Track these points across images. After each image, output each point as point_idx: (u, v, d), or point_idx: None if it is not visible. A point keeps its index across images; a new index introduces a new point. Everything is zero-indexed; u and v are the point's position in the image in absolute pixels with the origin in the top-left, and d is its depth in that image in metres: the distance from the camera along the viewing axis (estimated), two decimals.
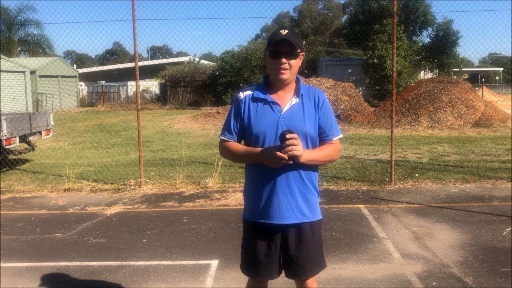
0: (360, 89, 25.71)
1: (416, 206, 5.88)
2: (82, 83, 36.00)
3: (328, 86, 18.61)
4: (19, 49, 34.66)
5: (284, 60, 2.24)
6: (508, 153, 9.64)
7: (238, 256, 4.29)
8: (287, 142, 2.11)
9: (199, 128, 16.78)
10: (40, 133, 9.31)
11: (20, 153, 9.01)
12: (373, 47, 23.48)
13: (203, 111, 21.92)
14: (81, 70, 38.17)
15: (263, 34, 51.61)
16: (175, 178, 7.40)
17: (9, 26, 32.90)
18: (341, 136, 2.42)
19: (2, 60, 22.82)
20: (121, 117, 22.57)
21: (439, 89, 16.19)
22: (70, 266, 4.16)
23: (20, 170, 8.94)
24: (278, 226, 2.32)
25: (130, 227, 5.26)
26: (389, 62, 21.99)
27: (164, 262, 4.21)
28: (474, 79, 42.66)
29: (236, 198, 6.38)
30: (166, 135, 14.64)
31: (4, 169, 8.52)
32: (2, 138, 7.87)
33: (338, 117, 16.65)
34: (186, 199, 6.45)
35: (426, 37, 28.81)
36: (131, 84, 33.41)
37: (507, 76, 50.29)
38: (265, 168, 2.25)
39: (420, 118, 15.20)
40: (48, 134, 9.64)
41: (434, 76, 24.73)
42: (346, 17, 46.68)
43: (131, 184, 7.25)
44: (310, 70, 29.08)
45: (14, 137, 8.24)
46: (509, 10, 14.63)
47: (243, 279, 3.80)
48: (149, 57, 63.23)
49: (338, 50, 39.36)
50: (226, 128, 2.40)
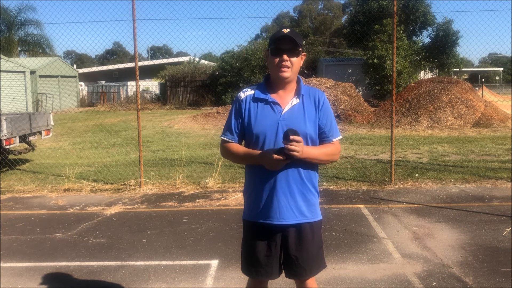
0: (360, 89, 25.70)
1: (416, 206, 5.88)
2: (82, 83, 35.99)
3: (328, 86, 18.61)
4: (19, 49, 34.68)
5: (285, 57, 2.24)
6: (508, 153, 9.64)
7: (238, 256, 4.29)
8: (290, 143, 2.11)
9: (199, 128, 16.78)
10: (40, 133, 9.31)
11: (20, 153, 9.01)
12: (373, 47, 23.47)
13: (203, 111, 21.92)
14: (81, 70, 38.16)
15: (263, 34, 51.64)
16: (175, 178, 7.40)
17: (9, 26, 32.91)
18: (340, 137, 2.43)
19: (2, 60, 22.82)
20: (121, 117, 22.57)
21: (439, 89, 16.19)
22: (70, 266, 4.16)
23: (20, 170, 8.94)
24: (278, 226, 2.32)
25: (130, 227, 5.26)
26: (389, 62, 21.98)
27: (164, 262, 4.21)
28: (474, 79, 42.67)
29: (236, 198, 6.38)
30: (166, 135, 14.64)
31: (4, 169, 8.52)
32: (2, 138, 7.87)
33: (338, 117, 16.66)
34: (186, 199, 6.45)
35: (426, 37, 28.78)
36: (131, 84, 33.40)
37: (507, 76, 50.30)
38: (265, 168, 2.26)
39: (420, 118, 15.20)
40: (48, 134, 9.64)
41: (434, 76, 24.74)
42: (346, 17, 46.67)
43: (131, 184, 7.25)
44: (310, 70, 29.08)
45: (14, 137, 8.24)
46: (509, 10, 14.64)
47: (243, 279, 3.80)
48: (149, 57, 63.27)
49: (338, 50, 39.35)
50: (227, 128, 2.40)
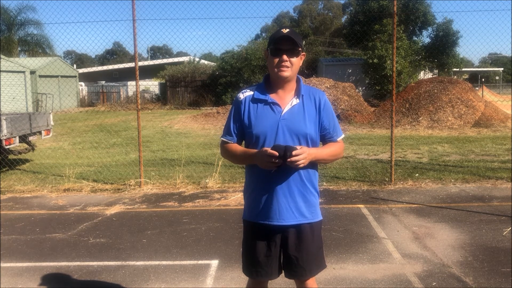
0: (360, 89, 25.70)
1: (416, 206, 5.88)
2: (82, 83, 35.99)
3: (328, 86, 18.61)
4: (19, 49, 34.66)
5: (285, 57, 2.24)
6: (508, 153, 9.64)
7: (238, 256, 4.30)
8: (293, 159, 2.12)
9: (199, 128, 16.78)
10: (40, 133, 9.31)
11: (20, 153, 9.00)
12: (373, 47, 23.47)
13: (203, 111, 21.92)
14: (81, 70, 38.15)
15: (263, 34, 51.64)
16: (175, 178, 7.40)
17: (9, 26, 32.90)
18: (343, 135, 2.46)
19: (2, 60, 22.82)
20: (121, 117, 22.57)
21: (439, 89, 16.19)
22: (70, 266, 4.16)
23: (20, 170, 8.94)
24: (278, 227, 2.32)
25: (130, 227, 5.26)
26: (389, 62, 21.98)
27: (164, 262, 4.21)
28: (474, 79, 42.66)
29: (236, 198, 6.38)
30: (166, 135, 14.64)
31: (4, 169, 8.52)
32: (2, 138, 7.87)
33: (338, 117, 16.63)
34: (186, 199, 6.45)
35: (426, 37, 28.80)
36: (131, 84, 33.39)
37: (507, 76, 50.29)
38: (264, 169, 2.26)
39: (420, 118, 15.20)
40: (48, 134, 9.64)
41: (434, 76, 24.73)
42: (346, 17, 46.70)
43: (131, 184, 7.25)
44: (310, 70, 29.08)
45: (14, 137, 8.24)
46: (509, 10, 14.63)
47: (243, 279, 3.80)
48: (149, 57, 63.24)
49: (338, 50, 39.36)
50: (226, 129, 2.41)
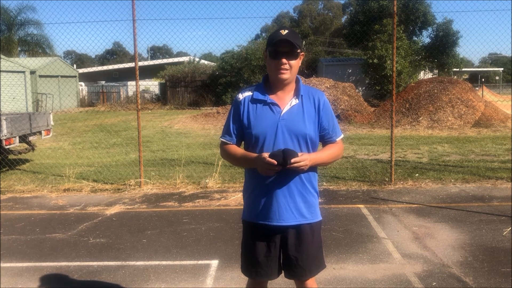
0: (360, 89, 25.70)
1: (416, 206, 5.88)
2: (82, 83, 35.99)
3: (328, 86, 18.62)
4: (19, 49, 34.67)
5: (284, 60, 2.23)
6: (508, 153, 9.64)
7: (238, 256, 4.29)
8: (294, 166, 2.13)
9: (199, 128, 16.78)
10: (40, 133, 9.31)
11: (20, 153, 9.00)
12: (373, 47, 23.47)
13: (203, 111, 21.93)
14: (81, 70, 38.14)
15: (263, 34, 51.61)
16: (175, 178, 7.40)
17: (9, 26, 32.90)
18: (343, 136, 2.45)
19: (2, 60, 22.82)
20: (121, 117, 22.57)
21: (439, 89, 16.19)
22: (70, 266, 4.16)
23: (20, 170, 8.94)
24: (277, 227, 2.32)
25: (130, 227, 5.26)
26: (389, 62, 21.98)
27: (164, 262, 4.21)
28: (474, 79, 42.66)
29: (236, 198, 6.38)
30: (166, 135, 14.64)
31: (4, 169, 8.52)
32: (2, 138, 7.87)
33: (338, 117, 16.66)
34: (186, 199, 6.45)
35: (426, 37, 28.78)
36: (131, 84, 33.39)
37: (507, 76, 50.29)
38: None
39: (420, 118, 15.20)
40: (48, 134, 9.64)
41: (434, 76, 24.73)
42: (346, 17, 46.72)
43: (131, 184, 7.25)
44: (310, 70, 29.08)
45: (14, 137, 8.24)
46: (509, 10, 14.64)
47: (243, 279, 3.80)
48: (149, 57, 63.23)
49: (338, 50, 39.36)
50: (226, 130, 2.41)
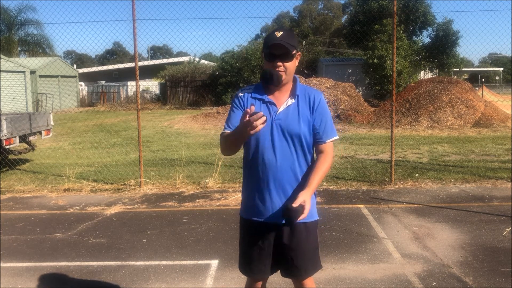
0: (360, 89, 25.71)
1: (416, 206, 5.88)
2: (82, 83, 35.99)
3: (328, 86, 18.62)
4: (19, 49, 34.67)
5: (279, 63, 2.23)
6: (508, 153, 9.64)
7: (238, 256, 4.30)
8: (301, 218, 2.13)
9: (199, 128, 16.78)
10: (40, 133, 9.31)
11: (20, 153, 9.00)
12: (373, 47, 23.47)
13: (203, 111, 21.92)
14: (81, 70, 38.15)
15: (263, 34, 51.63)
16: (175, 178, 7.40)
17: (9, 26, 32.90)
18: (336, 137, 2.37)
19: (2, 60, 22.82)
20: (121, 117, 22.57)
21: (439, 89, 16.19)
22: (70, 266, 4.16)
23: (20, 170, 8.94)
24: (271, 225, 2.34)
25: (130, 227, 5.26)
26: (389, 62, 21.98)
27: (164, 262, 4.21)
28: (474, 79, 42.66)
29: (236, 198, 6.38)
30: (166, 135, 14.64)
31: (4, 169, 8.52)
32: (2, 138, 7.87)
33: (338, 117, 16.66)
34: (186, 199, 6.45)
35: (426, 37, 28.82)
36: (131, 84, 33.39)
37: (507, 76, 50.30)
38: (260, 166, 2.28)
39: (420, 118, 15.20)
40: (48, 134, 9.64)
41: (434, 76, 24.74)
42: (346, 17, 46.72)
43: (131, 184, 7.25)
44: (310, 70, 29.09)
45: (14, 137, 8.24)
46: (509, 10, 14.64)
47: (243, 279, 3.79)
48: (149, 57, 63.22)
49: (338, 50, 39.38)
50: (227, 123, 2.36)
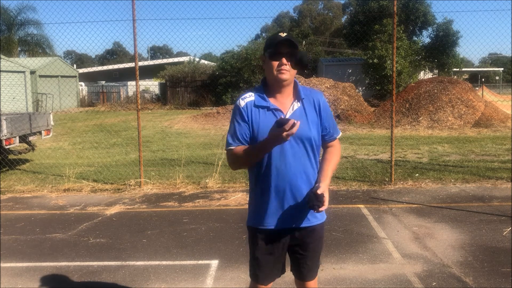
0: (360, 89, 25.71)
1: (416, 206, 5.88)
2: (82, 83, 35.98)
3: (328, 86, 18.61)
4: (19, 49, 34.65)
5: (284, 60, 2.23)
6: (508, 153, 9.64)
7: (238, 256, 4.31)
8: (322, 208, 2.16)
9: (199, 128, 16.78)
10: (40, 133, 9.31)
11: (20, 153, 9.01)
12: (373, 47, 23.48)
13: (203, 111, 21.92)
14: (81, 70, 38.13)
15: (263, 34, 51.64)
16: (175, 178, 7.40)
17: (9, 26, 32.89)
18: (340, 133, 2.50)
19: (2, 60, 22.81)
20: (121, 117, 22.57)
21: (439, 89, 16.19)
22: (70, 266, 4.16)
23: (20, 170, 8.94)
24: (287, 230, 2.34)
25: (130, 227, 5.26)
26: (389, 62, 21.99)
27: (164, 262, 4.21)
28: (474, 79, 42.68)
29: (236, 198, 6.38)
30: (166, 135, 14.64)
31: (4, 169, 8.52)
32: (2, 138, 7.87)
33: (338, 117, 16.66)
34: (186, 199, 6.45)
35: (426, 37, 28.87)
36: (131, 84, 33.39)
37: (507, 76, 50.31)
38: (274, 175, 2.25)
39: (420, 118, 15.20)
40: (48, 134, 9.64)
41: (434, 76, 24.74)
42: (346, 17, 46.76)
43: (131, 184, 7.25)
44: (310, 70, 29.09)
45: (14, 137, 8.24)
46: (509, 10, 14.66)
47: (243, 279, 3.80)
48: (149, 57, 63.23)
49: (338, 50, 39.39)
50: (232, 137, 2.27)
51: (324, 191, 2.17)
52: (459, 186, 6.87)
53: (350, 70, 27.93)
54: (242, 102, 2.28)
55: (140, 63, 11.97)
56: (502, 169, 7.91)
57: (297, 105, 2.31)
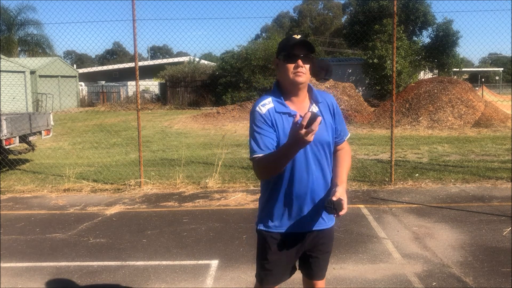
0: (360, 89, 25.71)
1: (416, 206, 5.88)
2: (82, 83, 35.98)
3: (328, 86, 18.62)
4: (19, 49, 34.65)
5: (300, 62, 2.16)
6: (508, 153, 9.64)
7: (238, 256, 4.31)
8: (343, 213, 2.13)
9: (199, 128, 16.78)
10: (40, 133, 9.31)
11: (20, 153, 9.00)
12: (373, 47, 23.49)
13: (203, 111, 21.92)
14: (81, 70, 38.14)
15: (263, 34, 51.67)
16: (175, 178, 7.40)
17: (9, 26, 32.88)
18: (349, 134, 2.49)
19: (2, 60, 22.81)
20: (121, 117, 22.57)
21: (439, 89, 16.19)
22: (70, 266, 4.16)
23: (20, 170, 8.94)
24: (302, 233, 2.34)
25: (130, 227, 5.26)
26: (389, 62, 21.99)
27: (164, 262, 4.21)
28: (474, 79, 42.70)
29: (236, 198, 6.38)
30: (166, 135, 14.64)
31: (4, 169, 8.52)
32: (2, 138, 7.87)
33: None
34: (186, 199, 6.45)
35: (426, 37, 28.89)
36: (131, 84, 33.39)
37: (507, 76, 50.33)
38: (297, 181, 2.22)
39: (420, 118, 15.20)
40: (48, 134, 9.64)
41: (434, 76, 24.75)
42: (346, 17, 46.77)
43: (131, 184, 7.25)
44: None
45: (14, 137, 8.24)
46: (509, 10, 14.64)
47: (243, 279, 3.80)
48: (149, 57, 63.23)
49: (338, 50, 39.40)
50: (258, 145, 2.15)
51: (341, 195, 2.14)
52: (459, 186, 6.87)
53: (350, 70, 27.93)
54: (263, 109, 2.19)
55: (140, 63, 11.97)
56: (502, 169, 7.91)
57: (315, 108, 2.26)
